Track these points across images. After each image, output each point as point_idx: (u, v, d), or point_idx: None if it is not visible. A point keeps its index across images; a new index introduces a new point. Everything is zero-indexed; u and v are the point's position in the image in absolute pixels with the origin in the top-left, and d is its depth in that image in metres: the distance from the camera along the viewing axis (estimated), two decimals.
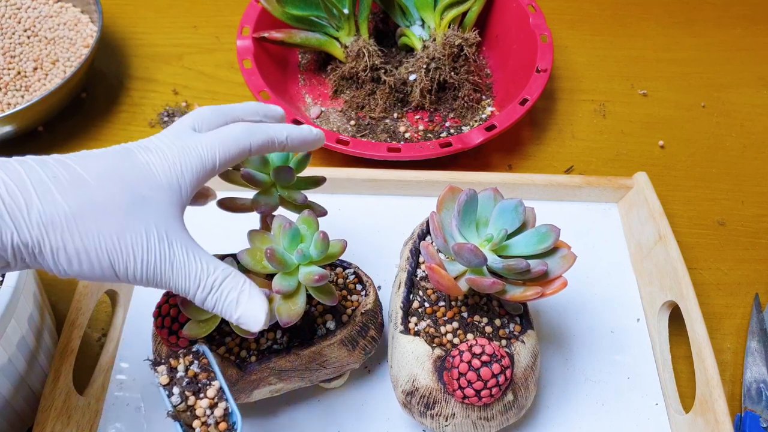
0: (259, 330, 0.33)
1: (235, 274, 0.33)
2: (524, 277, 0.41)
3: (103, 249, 0.30)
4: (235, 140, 0.35)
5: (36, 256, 0.29)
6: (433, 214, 0.42)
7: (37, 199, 0.29)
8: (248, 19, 0.68)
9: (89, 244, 0.29)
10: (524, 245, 0.41)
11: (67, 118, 0.68)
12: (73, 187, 0.30)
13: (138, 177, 0.31)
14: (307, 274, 0.37)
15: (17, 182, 0.29)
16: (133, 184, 0.31)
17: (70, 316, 0.47)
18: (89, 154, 0.32)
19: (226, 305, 0.32)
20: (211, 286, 0.32)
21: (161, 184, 0.32)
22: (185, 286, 0.32)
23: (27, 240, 0.28)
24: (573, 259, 0.40)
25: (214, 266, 0.32)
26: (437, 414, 0.40)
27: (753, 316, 0.53)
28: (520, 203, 0.42)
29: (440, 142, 0.59)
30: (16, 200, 0.28)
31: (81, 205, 0.29)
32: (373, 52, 0.66)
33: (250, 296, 0.33)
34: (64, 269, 0.30)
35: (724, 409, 0.43)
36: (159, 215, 0.31)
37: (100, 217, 0.30)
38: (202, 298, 0.32)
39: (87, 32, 0.71)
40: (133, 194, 0.31)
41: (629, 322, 0.53)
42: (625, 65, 0.77)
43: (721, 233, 0.61)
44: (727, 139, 0.69)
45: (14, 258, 0.29)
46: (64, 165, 0.30)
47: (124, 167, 0.31)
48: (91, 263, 0.30)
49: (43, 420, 0.41)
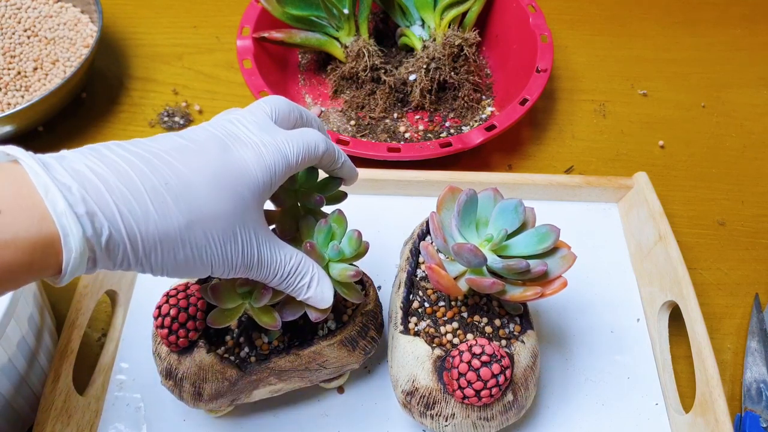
0: (328, 306, 0.37)
1: (305, 260, 0.36)
2: (524, 277, 0.41)
3: (209, 257, 0.30)
4: (314, 146, 0.35)
5: (143, 264, 0.29)
6: (433, 214, 0.42)
7: (154, 211, 0.28)
8: (248, 19, 0.68)
9: (197, 254, 0.30)
10: (524, 245, 0.41)
11: (67, 118, 0.68)
12: (184, 195, 0.29)
13: (238, 177, 0.31)
14: (342, 270, 0.38)
15: (134, 191, 0.27)
16: (234, 185, 0.31)
17: (70, 316, 0.47)
18: (185, 148, 0.30)
19: (298, 288, 0.36)
20: (288, 273, 0.35)
21: (257, 184, 0.32)
22: (265, 276, 0.35)
23: (139, 252, 0.28)
24: (573, 259, 0.40)
25: (289, 256, 0.35)
26: (437, 414, 0.40)
27: (753, 316, 0.53)
28: (520, 203, 0.42)
29: (440, 142, 0.59)
30: (135, 215, 0.27)
31: (192, 214, 0.29)
32: (373, 52, 0.66)
33: (319, 280, 0.37)
34: (165, 273, 0.30)
35: (724, 409, 0.43)
36: (254, 217, 0.32)
37: (208, 225, 0.30)
38: (278, 283, 0.36)
39: (87, 32, 0.71)
40: (235, 197, 0.31)
41: (629, 322, 0.53)
42: (625, 65, 0.77)
43: (721, 233, 0.61)
44: (727, 139, 0.69)
45: (118, 265, 0.28)
46: (170, 166, 0.29)
47: (225, 166, 0.31)
48: (194, 269, 0.30)
49: (43, 420, 0.41)
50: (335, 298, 0.42)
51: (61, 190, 0.26)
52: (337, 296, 0.45)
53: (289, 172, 0.34)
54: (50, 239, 0.25)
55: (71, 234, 0.26)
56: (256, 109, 0.35)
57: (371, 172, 0.58)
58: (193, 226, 0.29)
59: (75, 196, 0.26)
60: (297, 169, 0.35)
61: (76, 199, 0.26)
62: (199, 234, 0.29)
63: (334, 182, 0.41)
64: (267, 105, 0.36)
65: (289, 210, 0.41)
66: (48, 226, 0.25)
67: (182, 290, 0.41)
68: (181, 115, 0.69)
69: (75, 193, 0.26)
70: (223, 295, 0.38)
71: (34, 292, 0.45)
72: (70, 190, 0.26)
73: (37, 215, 0.25)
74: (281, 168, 0.33)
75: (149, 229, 0.28)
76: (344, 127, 0.67)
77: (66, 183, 0.26)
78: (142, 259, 0.28)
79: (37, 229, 0.25)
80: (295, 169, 0.34)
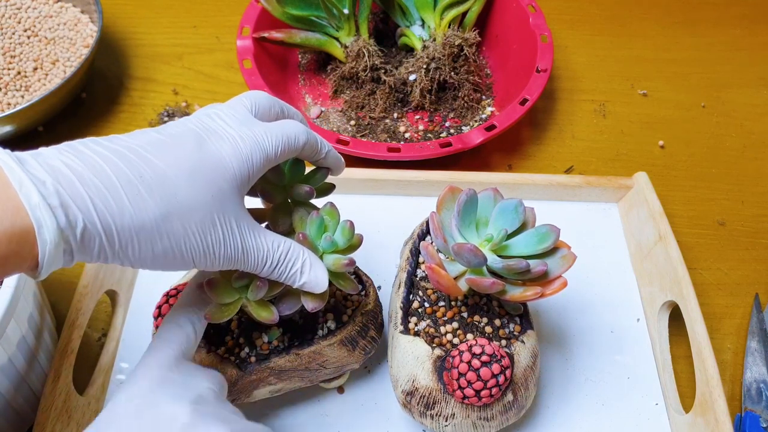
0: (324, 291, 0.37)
1: (294, 246, 0.36)
2: (524, 277, 0.41)
3: (188, 248, 0.30)
4: (294, 137, 0.35)
5: (120, 257, 0.29)
6: (433, 214, 0.42)
7: (128, 203, 0.28)
8: (248, 19, 0.68)
9: (175, 245, 0.30)
10: (524, 245, 0.41)
11: (67, 118, 0.68)
12: (159, 187, 0.29)
13: (215, 170, 0.31)
14: (336, 260, 0.38)
15: (108, 185, 0.28)
16: (210, 177, 0.31)
17: (70, 316, 0.47)
18: (161, 142, 0.31)
19: (291, 275, 0.36)
20: (277, 261, 0.35)
21: (234, 176, 0.32)
22: (254, 265, 0.34)
23: (115, 244, 0.28)
24: (573, 259, 0.40)
25: (277, 243, 0.35)
26: (437, 414, 0.40)
27: (753, 316, 0.53)
28: (520, 203, 0.42)
29: (440, 142, 0.59)
30: (109, 207, 0.28)
31: (168, 206, 0.29)
32: (373, 52, 0.66)
33: (311, 265, 0.36)
34: (144, 266, 0.30)
35: (724, 409, 0.43)
36: (233, 207, 0.32)
37: (185, 216, 0.30)
38: (269, 272, 0.35)
39: (87, 32, 0.71)
40: (212, 189, 0.31)
41: (629, 322, 0.53)
42: (625, 65, 0.77)
43: (721, 233, 0.61)
44: (727, 139, 0.69)
45: (96, 258, 0.28)
46: (144, 160, 0.29)
47: (201, 159, 0.31)
48: (174, 261, 0.30)
49: (43, 420, 0.41)
50: (335, 297, 0.42)
51: (35, 184, 0.26)
52: (337, 296, 0.45)
53: (268, 164, 0.34)
54: (25, 232, 0.26)
55: (45, 226, 0.26)
56: (235, 104, 0.36)
57: (371, 172, 0.58)
58: (170, 217, 0.29)
59: (49, 189, 0.26)
60: (277, 160, 0.35)
61: (49, 192, 0.26)
62: (177, 225, 0.30)
63: (321, 173, 0.41)
64: (247, 99, 0.36)
65: (280, 206, 0.41)
66: (22, 219, 0.26)
67: (182, 290, 0.41)
68: (181, 114, 0.69)
69: (49, 186, 0.26)
70: (220, 290, 0.38)
71: (34, 291, 0.45)
72: (44, 183, 0.26)
73: (11, 208, 0.26)
74: (259, 159, 0.33)
75: (124, 221, 0.28)
76: (344, 127, 0.67)
77: (40, 177, 0.26)
78: (119, 252, 0.28)
79: (11, 222, 0.26)
80: (275, 160, 0.35)
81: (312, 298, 0.38)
